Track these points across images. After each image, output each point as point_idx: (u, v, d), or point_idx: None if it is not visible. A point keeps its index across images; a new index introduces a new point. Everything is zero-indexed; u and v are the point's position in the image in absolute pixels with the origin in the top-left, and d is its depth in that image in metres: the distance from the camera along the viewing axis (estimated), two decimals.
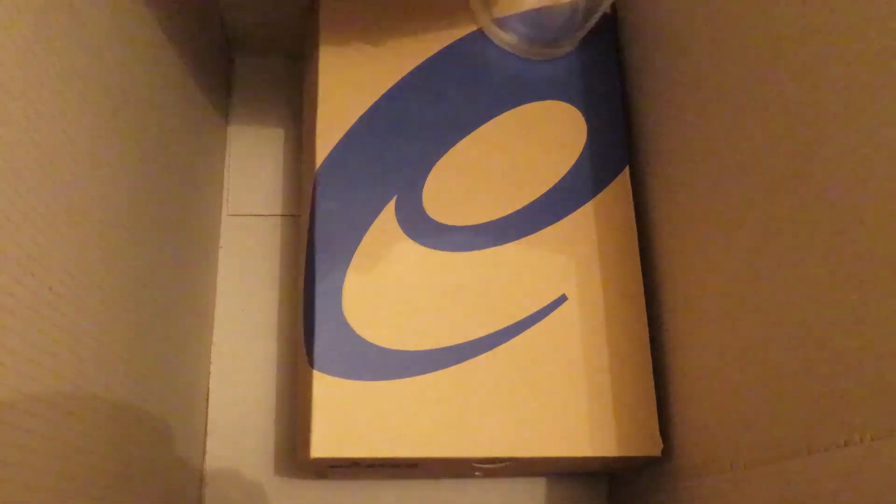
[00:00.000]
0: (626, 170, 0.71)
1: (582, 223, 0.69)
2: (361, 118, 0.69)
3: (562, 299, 0.66)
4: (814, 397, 0.47)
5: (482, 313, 0.65)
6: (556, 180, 0.69)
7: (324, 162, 0.67)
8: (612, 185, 0.70)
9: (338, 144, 0.68)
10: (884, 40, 0.42)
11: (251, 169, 0.85)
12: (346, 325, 0.63)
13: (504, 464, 0.65)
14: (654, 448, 0.64)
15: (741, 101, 0.56)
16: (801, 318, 0.49)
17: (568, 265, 0.68)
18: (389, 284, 0.65)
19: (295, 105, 0.88)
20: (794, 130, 0.50)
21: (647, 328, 0.67)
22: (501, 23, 0.70)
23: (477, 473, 0.75)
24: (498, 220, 0.68)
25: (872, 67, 0.43)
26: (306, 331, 0.66)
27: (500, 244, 0.66)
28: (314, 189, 0.66)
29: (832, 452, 0.45)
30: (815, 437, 0.47)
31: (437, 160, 0.68)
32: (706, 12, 0.60)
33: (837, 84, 0.46)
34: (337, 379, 0.61)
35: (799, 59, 0.49)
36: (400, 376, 0.62)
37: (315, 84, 0.70)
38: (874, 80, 0.43)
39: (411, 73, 0.71)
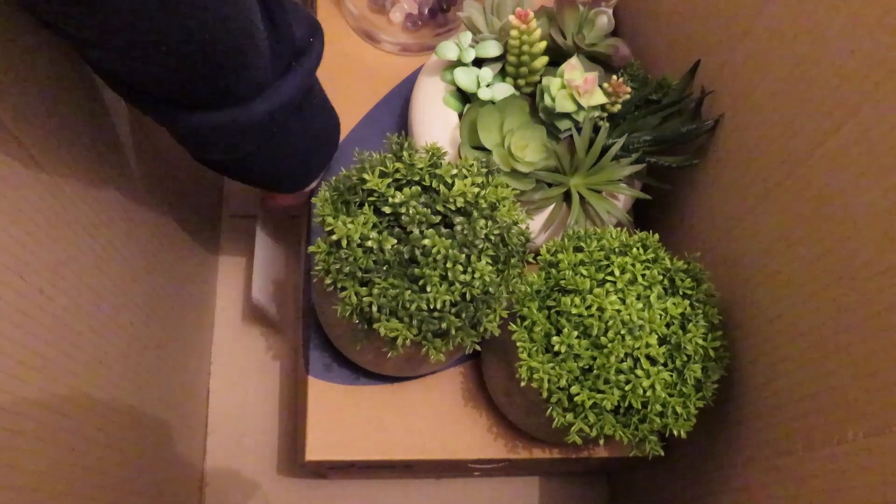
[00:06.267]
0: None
1: None
2: (356, 127, 0.69)
3: None
4: (808, 396, 0.47)
5: None
6: None
7: None
8: None
9: None
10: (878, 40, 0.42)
11: None
12: None
13: (501, 464, 0.65)
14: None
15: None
16: (796, 317, 0.49)
17: None
18: None
19: None
20: (792, 132, 0.50)
21: None
22: None
23: (476, 473, 0.75)
24: None
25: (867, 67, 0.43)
26: (303, 336, 0.66)
27: None
28: (309, 199, 0.66)
29: (827, 450, 0.45)
30: (810, 434, 0.47)
31: None
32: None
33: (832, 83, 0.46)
34: (332, 384, 0.62)
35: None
36: (393, 381, 0.63)
37: None
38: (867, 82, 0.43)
39: (400, 85, 0.71)
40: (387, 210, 0.49)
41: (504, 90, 0.62)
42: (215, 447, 0.76)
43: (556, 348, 0.51)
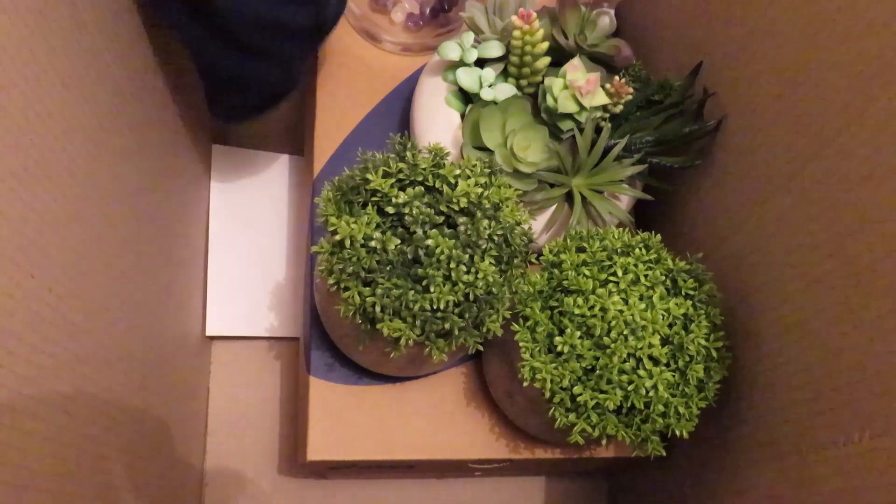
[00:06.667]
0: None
1: None
2: (356, 129, 0.69)
3: None
4: (812, 397, 0.48)
5: None
6: None
7: (320, 172, 0.67)
8: None
9: (334, 155, 0.68)
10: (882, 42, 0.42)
11: None
12: None
13: (503, 464, 0.65)
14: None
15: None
16: (801, 318, 0.49)
17: None
18: None
19: (295, 103, 0.89)
20: (796, 135, 0.50)
21: None
22: None
23: (477, 473, 0.75)
24: None
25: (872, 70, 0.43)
26: (304, 336, 0.66)
27: None
28: (311, 199, 0.66)
29: (832, 451, 0.45)
30: (815, 436, 0.47)
31: None
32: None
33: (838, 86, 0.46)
34: (333, 384, 0.62)
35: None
36: (394, 381, 0.63)
37: (314, 94, 0.71)
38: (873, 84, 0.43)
39: (402, 85, 0.71)
40: (390, 210, 0.49)
41: (506, 90, 0.62)
42: (215, 447, 0.76)
43: (558, 348, 0.51)
